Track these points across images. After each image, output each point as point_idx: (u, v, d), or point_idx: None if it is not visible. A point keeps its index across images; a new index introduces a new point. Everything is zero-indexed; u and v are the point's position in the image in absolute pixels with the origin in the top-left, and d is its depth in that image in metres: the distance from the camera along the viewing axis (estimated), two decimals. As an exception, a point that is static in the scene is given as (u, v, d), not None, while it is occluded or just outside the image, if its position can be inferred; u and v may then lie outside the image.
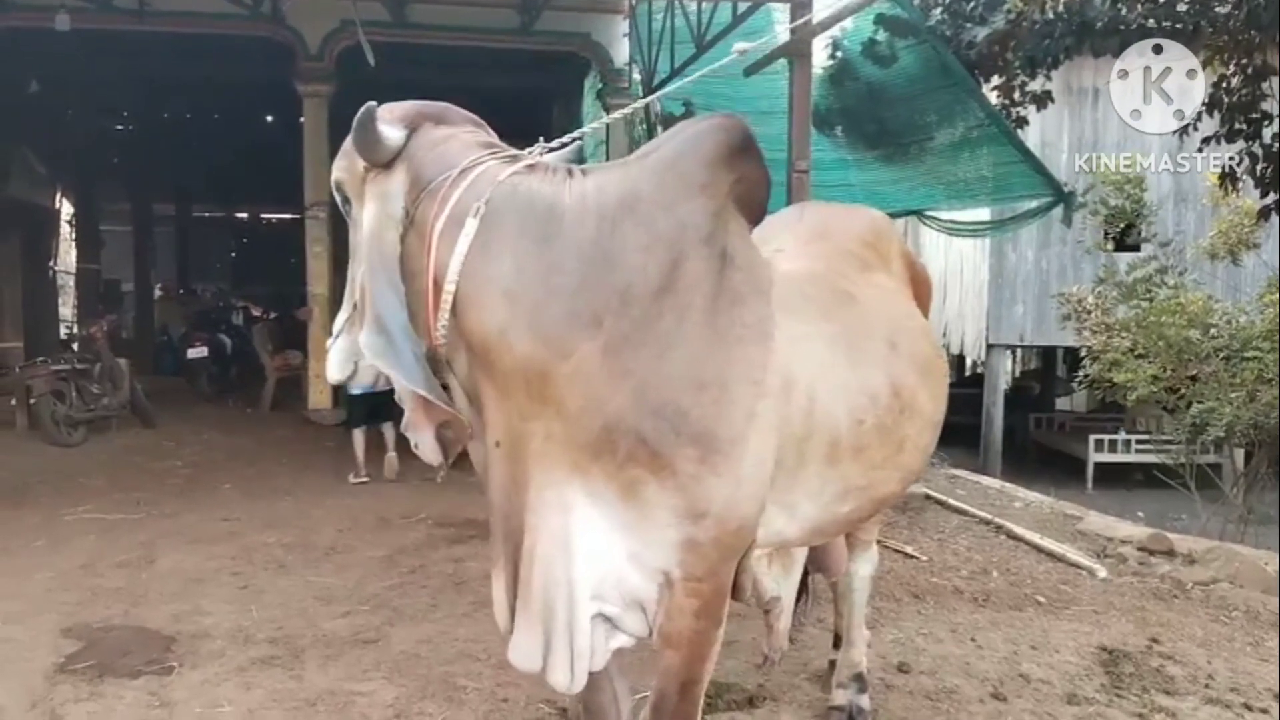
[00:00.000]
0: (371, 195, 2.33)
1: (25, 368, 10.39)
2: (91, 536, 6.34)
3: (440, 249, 2.22)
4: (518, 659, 2.36)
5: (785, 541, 2.76)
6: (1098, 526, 7.23)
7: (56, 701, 3.89)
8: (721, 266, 2.35)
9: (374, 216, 2.32)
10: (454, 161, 2.31)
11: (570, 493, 2.24)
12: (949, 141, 6.82)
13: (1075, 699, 4.02)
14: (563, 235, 2.22)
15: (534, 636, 2.31)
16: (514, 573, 2.32)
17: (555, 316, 2.20)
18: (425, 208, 2.27)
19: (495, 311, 2.20)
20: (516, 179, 2.28)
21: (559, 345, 2.19)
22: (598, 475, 2.23)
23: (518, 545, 2.29)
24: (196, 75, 13.28)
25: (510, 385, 2.21)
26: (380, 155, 2.31)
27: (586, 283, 2.21)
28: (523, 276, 2.20)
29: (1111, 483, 14.10)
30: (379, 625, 4.72)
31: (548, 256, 2.21)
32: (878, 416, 2.68)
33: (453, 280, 2.20)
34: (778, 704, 3.91)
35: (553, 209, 2.25)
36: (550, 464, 2.23)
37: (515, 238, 2.21)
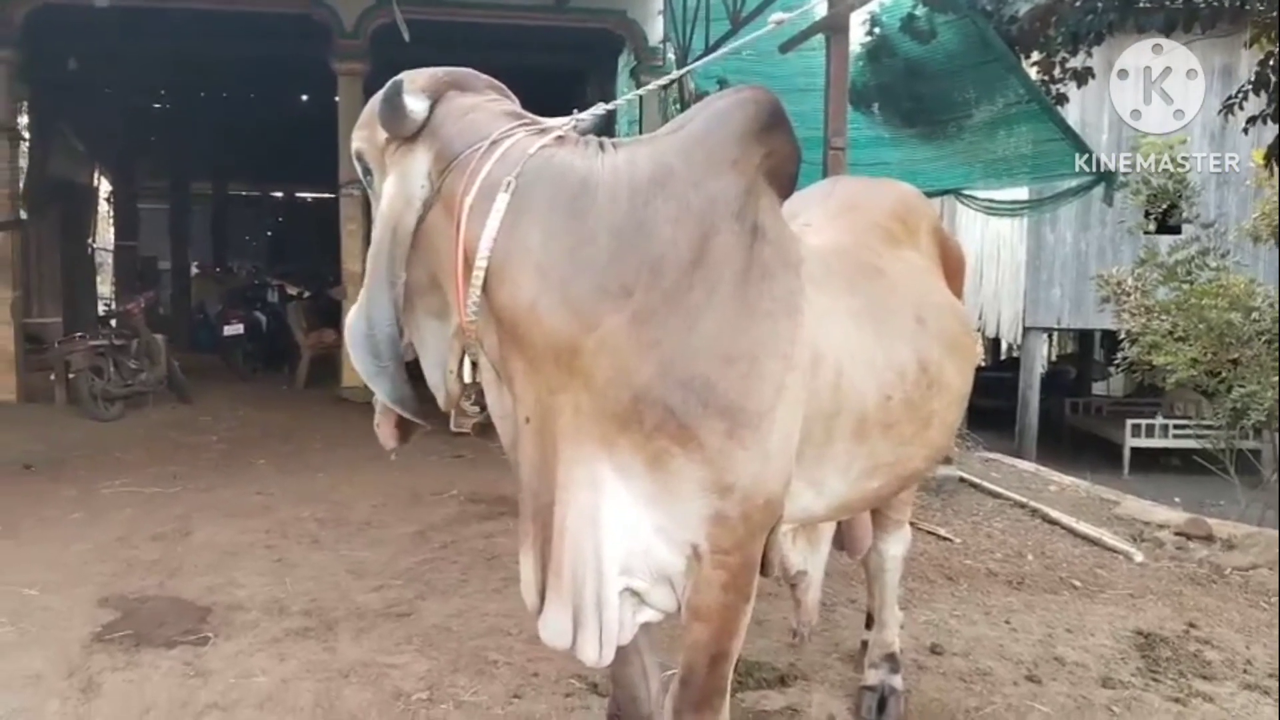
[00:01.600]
0: (392, 171, 2.28)
1: (64, 343, 10.50)
2: (128, 509, 6.41)
3: (470, 224, 2.18)
4: (548, 635, 2.36)
5: (812, 517, 2.76)
6: (1134, 511, 7.14)
7: (93, 670, 3.94)
8: (752, 241, 2.34)
9: (392, 197, 2.27)
10: (483, 132, 2.26)
11: (598, 468, 2.23)
12: (988, 119, 6.72)
13: (1111, 682, 3.98)
14: (594, 209, 2.19)
15: (564, 612, 2.30)
16: (544, 549, 2.31)
17: (585, 289, 2.18)
18: (453, 181, 2.22)
19: (526, 286, 2.16)
20: (548, 151, 2.24)
21: (588, 317, 2.17)
22: (625, 448, 2.22)
23: (547, 521, 2.27)
24: (233, 53, 13.32)
25: (540, 359, 2.19)
26: (405, 129, 2.26)
27: (617, 255, 2.19)
28: (553, 250, 2.17)
29: (1148, 468, 13.95)
30: (411, 599, 4.74)
31: (579, 230, 2.19)
32: (905, 392, 2.67)
33: (484, 256, 2.16)
34: (809, 683, 3.89)
35: (584, 182, 2.21)
36: (579, 439, 2.22)
37: (547, 211, 2.18)
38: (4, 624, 4.38)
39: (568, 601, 2.29)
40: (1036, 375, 15.59)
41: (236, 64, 14.24)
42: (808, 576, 3.21)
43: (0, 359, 10.75)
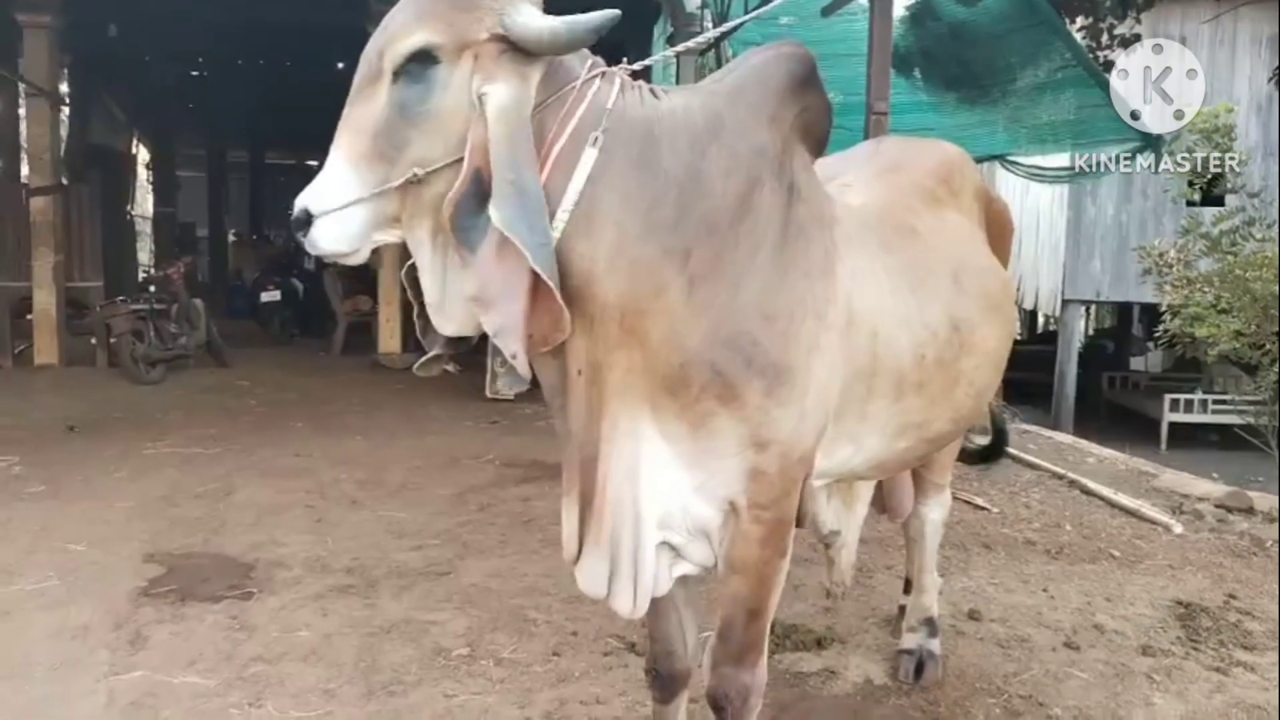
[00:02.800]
0: (509, 74, 2.06)
1: (105, 307, 10.62)
2: (170, 469, 6.51)
3: (555, 171, 2.11)
4: (585, 583, 2.38)
5: (851, 473, 2.77)
6: (1173, 483, 7.08)
7: (140, 622, 4.02)
8: (789, 198, 2.35)
9: (516, 97, 2.06)
10: (574, 72, 2.18)
11: (642, 425, 2.25)
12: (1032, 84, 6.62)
13: (1151, 650, 3.96)
14: (661, 164, 2.18)
15: (601, 562, 2.32)
16: (585, 500, 2.32)
17: (654, 251, 2.17)
18: (546, 119, 2.12)
19: (603, 245, 2.13)
20: (621, 103, 2.19)
21: (656, 280, 2.17)
22: (672, 407, 2.23)
23: (590, 473, 2.28)
24: (272, 20, 13.33)
25: (603, 317, 2.17)
26: (561, 46, 2.11)
27: (680, 215, 2.18)
28: (630, 210, 2.15)
29: (1186, 444, 13.79)
30: (450, 559, 4.79)
31: (651, 189, 2.17)
32: (937, 350, 2.68)
33: (567, 209, 2.10)
34: (845, 646, 3.90)
35: (650, 135, 2.19)
36: (628, 395, 2.23)
37: (624, 168, 2.14)
38: (52, 578, 4.48)
39: (605, 552, 2.31)
40: (1075, 349, 15.43)
41: (274, 31, 14.23)
42: (841, 537, 3.22)
43: (43, 323, 10.89)
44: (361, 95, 2.10)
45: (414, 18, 2.07)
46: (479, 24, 2.05)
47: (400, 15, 2.10)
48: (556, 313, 2.02)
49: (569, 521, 2.35)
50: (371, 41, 2.11)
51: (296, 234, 2.12)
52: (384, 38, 2.08)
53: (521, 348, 2.03)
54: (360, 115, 2.09)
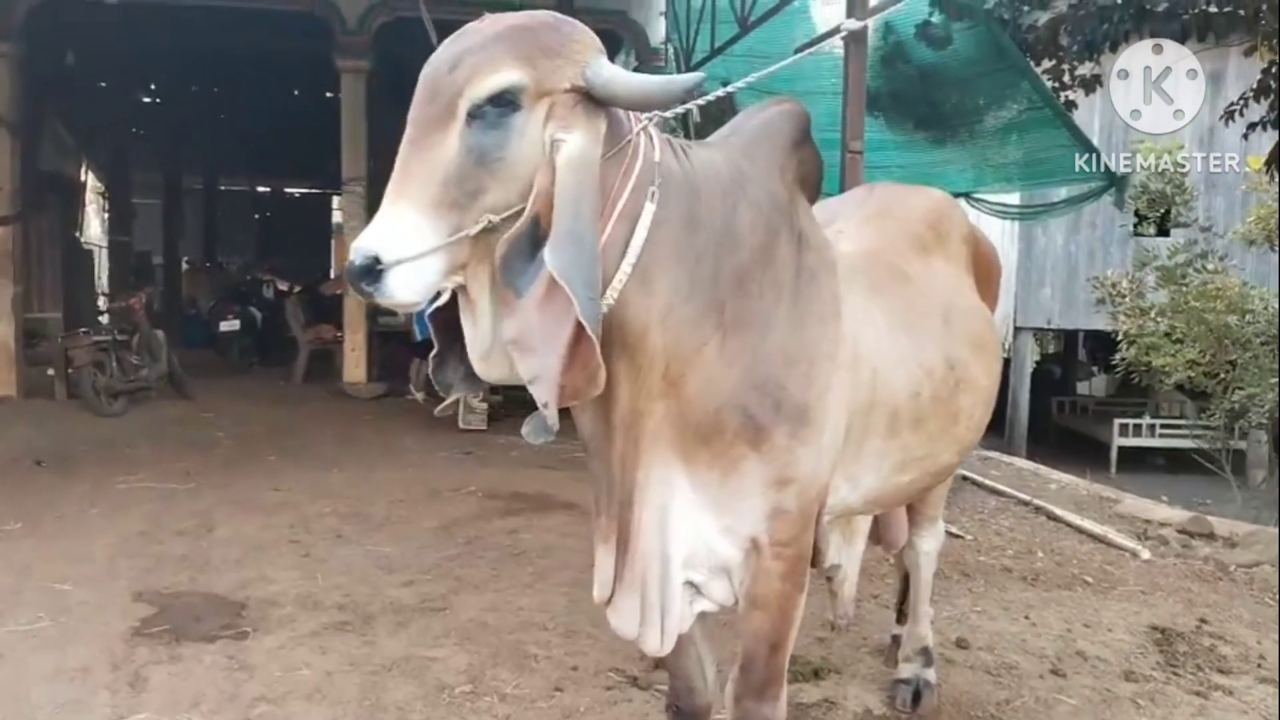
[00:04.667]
0: (583, 125, 2.03)
1: (66, 338, 10.49)
2: (146, 505, 6.45)
3: (618, 226, 2.11)
4: (619, 623, 2.44)
5: (849, 510, 2.88)
6: (1135, 509, 7.28)
7: (138, 663, 4.00)
8: (800, 246, 2.48)
9: (589, 148, 2.02)
10: (625, 122, 2.15)
11: (673, 472, 2.33)
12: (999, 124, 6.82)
13: (1133, 676, 4.09)
14: (702, 219, 2.24)
15: (634, 603, 2.40)
16: (622, 544, 2.39)
17: (700, 307, 2.24)
18: (608, 171, 2.08)
19: (658, 300, 2.17)
20: (665, 156, 2.21)
21: (701, 335, 2.25)
22: (704, 455, 2.32)
23: (625, 518, 2.35)
24: (233, 48, 13.31)
25: (651, 368, 2.23)
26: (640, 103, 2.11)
27: (717, 268, 2.26)
28: (680, 265, 2.20)
29: (1134, 467, 14.13)
30: (444, 594, 4.81)
31: (696, 243, 2.23)
32: (933, 389, 2.80)
33: (630, 263, 2.10)
34: (841, 676, 3.99)
35: (693, 189, 2.24)
36: (660, 444, 2.31)
37: (676, 224, 2.19)
38: (43, 619, 4.44)
39: (638, 592, 2.38)
40: (1026, 375, 15.78)
41: (236, 59, 14.22)
42: (842, 570, 3.32)
43: (1, 354, 10.72)
44: (429, 137, 1.97)
45: (499, 59, 1.98)
46: (561, 73, 2.01)
47: (480, 56, 1.99)
48: (594, 369, 2.00)
49: (605, 565, 2.40)
50: (437, 77, 2.00)
51: (358, 282, 1.94)
52: (460, 76, 1.97)
53: (554, 398, 1.99)
54: (430, 159, 1.97)
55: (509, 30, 2.02)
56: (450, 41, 2.04)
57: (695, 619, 2.57)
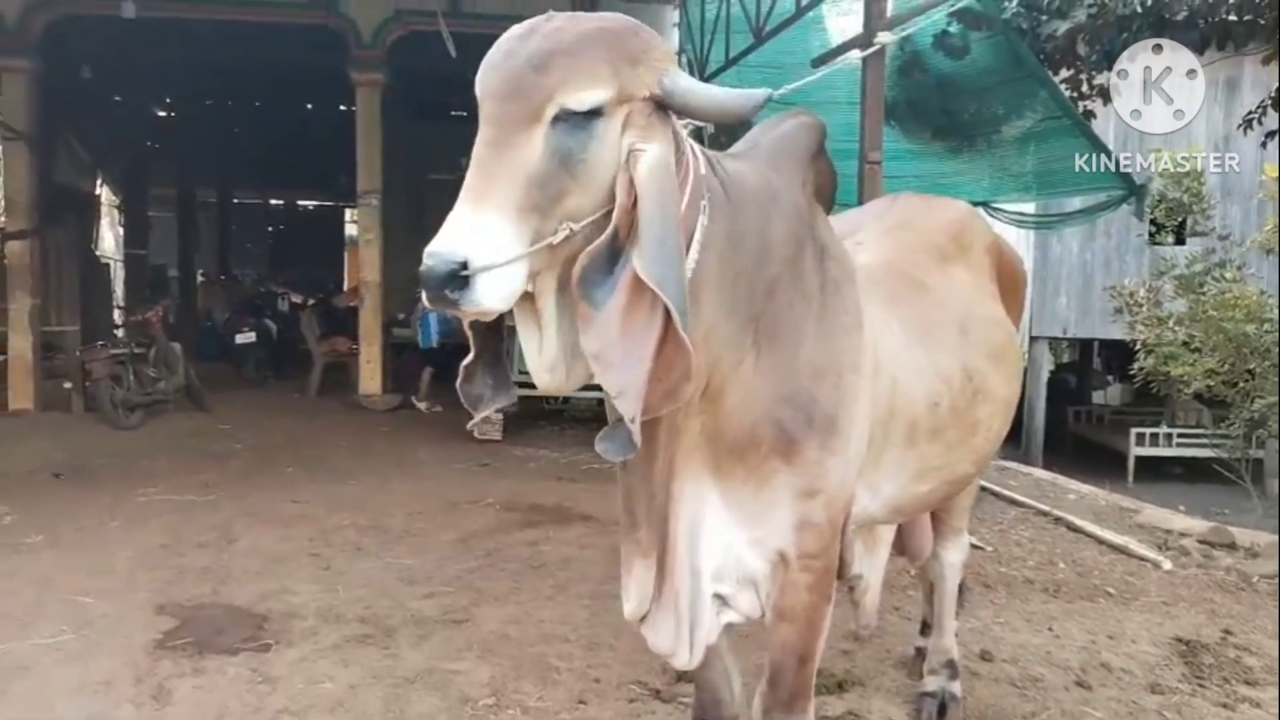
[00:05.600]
0: (660, 135, 2.01)
1: (84, 351, 10.55)
2: (166, 517, 6.48)
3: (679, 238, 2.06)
4: (656, 639, 2.44)
5: (869, 519, 2.86)
6: (1154, 519, 7.24)
7: (161, 676, 4.01)
8: (822, 257, 2.48)
9: (668, 157, 2.02)
10: (680, 134, 2.13)
11: (704, 487, 2.34)
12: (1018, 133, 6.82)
13: (1159, 688, 4.07)
14: (742, 231, 2.24)
15: (670, 619, 2.39)
16: (660, 559, 2.37)
17: (740, 323, 2.25)
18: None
19: (704, 314, 2.13)
20: (708, 168, 2.19)
21: (739, 350, 2.26)
22: (738, 470, 2.32)
23: (663, 533, 2.34)
24: (250, 62, 13.39)
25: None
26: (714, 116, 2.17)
27: (753, 281, 2.26)
28: (723, 278, 2.18)
29: (1151, 476, 14.04)
30: (465, 606, 4.81)
31: (736, 256, 2.22)
32: (951, 399, 2.81)
33: (686, 276, 2.04)
34: (865, 689, 3.98)
35: (735, 201, 2.23)
36: (694, 459, 2.31)
37: (721, 236, 2.17)
38: (65, 632, 4.45)
39: (673, 607, 2.38)
40: (1043, 384, 15.71)
41: (252, 73, 14.30)
42: (864, 580, 3.29)
43: (19, 367, 10.79)
44: (512, 138, 1.89)
45: (595, 67, 1.93)
46: (641, 81, 1.97)
47: (574, 61, 1.93)
48: (678, 380, 1.98)
49: (645, 580, 2.38)
50: (519, 75, 1.92)
51: (442, 289, 1.81)
52: (553, 80, 1.90)
53: (640, 411, 1.94)
54: (513, 161, 1.89)
55: (598, 33, 1.97)
56: (524, 36, 1.96)
57: (722, 631, 2.57)
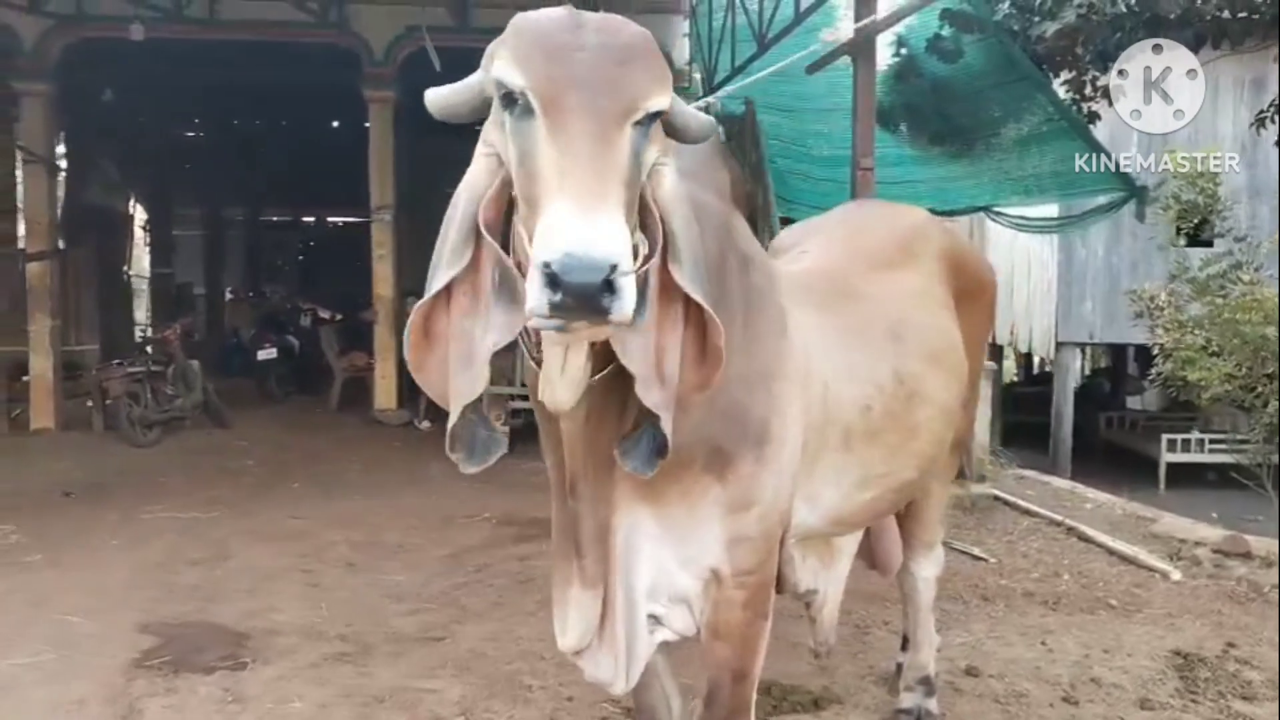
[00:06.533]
0: (670, 152, 1.97)
1: (101, 369, 10.67)
2: (168, 535, 6.50)
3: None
4: (597, 672, 2.37)
5: (810, 530, 2.76)
6: (1171, 528, 7.08)
7: (134, 696, 4.00)
8: (745, 266, 2.42)
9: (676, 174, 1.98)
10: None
11: (637, 508, 2.26)
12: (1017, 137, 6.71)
13: (1149, 704, 3.94)
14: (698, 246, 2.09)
15: (612, 649, 2.33)
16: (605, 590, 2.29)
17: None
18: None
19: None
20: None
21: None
22: (672, 491, 2.23)
23: (602, 558, 2.27)
24: (265, 82, 13.51)
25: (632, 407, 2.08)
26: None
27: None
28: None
29: (1185, 483, 13.76)
30: (446, 623, 4.78)
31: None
32: (885, 403, 2.75)
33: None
34: (843, 706, 3.89)
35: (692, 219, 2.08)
36: (628, 482, 2.22)
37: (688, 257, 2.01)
38: (47, 651, 4.46)
39: (613, 636, 2.31)
40: (1070, 390, 15.42)
41: (269, 92, 14.44)
42: (820, 594, 3.18)
43: (39, 386, 10.92)
44: (609, 135, 1.76)
45: (657, 65, 1.85)
46: (668, 97, 1.89)
47: (653, 61, 1.85)
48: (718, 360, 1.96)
49: (590, 611, 2.28)
50: (605, 69, 1.79)
51: (598, 298, 1.60)
52: (641, 79, 1.81)
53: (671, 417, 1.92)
54: (614, 160, 1.76)
55: (649, 37, 1.89)
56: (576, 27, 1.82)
57: (658, 651, 2.51)
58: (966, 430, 3.53)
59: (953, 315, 3.14)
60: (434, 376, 1.94)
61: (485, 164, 1.91)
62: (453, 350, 1.90)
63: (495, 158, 1.89)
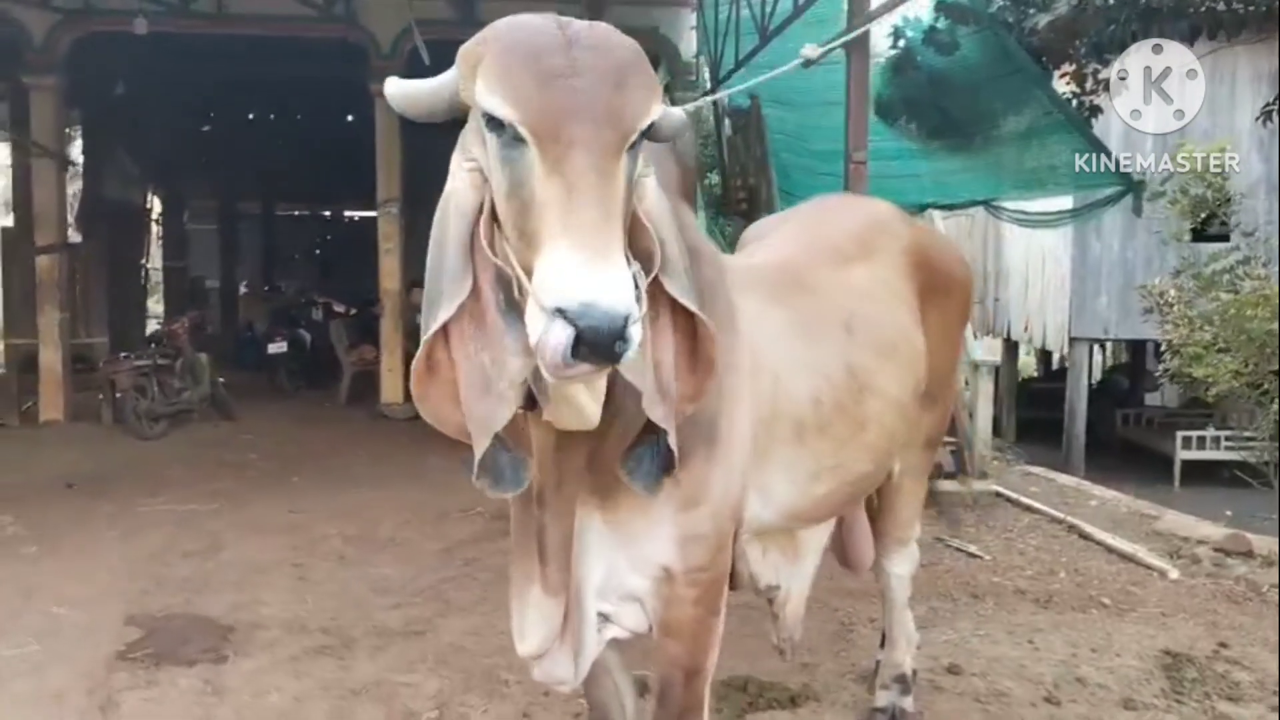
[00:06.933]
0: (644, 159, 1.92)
1: (109, 363, 10.72)
2: (165, 527, 6.53)
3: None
4: (554, 671, 2.35)
5: (764, 525, 2.71)
6: (1174, 526, 6.99)
7: (114, 688, 4.02)
8: (695, 260, 2.34)
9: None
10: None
11: (588, 508, 2.23)
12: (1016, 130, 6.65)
13: (1132, 704, 3.89)
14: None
15: (568, 649, 2.31)
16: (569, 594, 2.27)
17: None
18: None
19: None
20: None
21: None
22: (621, 492, 2.15)
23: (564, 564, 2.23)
24: (275, 76, 13.55)
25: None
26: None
27: None
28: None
29: (1201, 481, 13.62)
30: (430, 617, 4.77)
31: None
32: (835, 395, 2.70)
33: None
34: (820, 704, 3.86)
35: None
36: (582, 485, 2.19)
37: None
38: (32, 643, 4.49)
39: (571, 638, 2.29)
40: (1084, 386, 15.28)
41: (279, 86, 14.48)
42: (783, 590, 3.14)
43: (49, 379, 10.98)
44: (611, 168, 1.72)
45: (648, 77, 1.81)
46: (659, 108, 1.83)
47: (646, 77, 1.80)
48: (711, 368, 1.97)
49: (550, 618, 2.25)
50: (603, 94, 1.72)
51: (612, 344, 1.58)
52: (636, 100, 1.76)
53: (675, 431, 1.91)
54: (616, 194, 1.73)
55: (635, 46, 1.83)
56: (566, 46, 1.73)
57: (609, 648, 2.49)
58: (937, 427, 3.48)
59: (912, 310, 3.09)
60: (436, 406, 1.89)
61: (470, 179, 1.84)
62: (464, 380, 1.84)
63: (479, 172, 1.82)
